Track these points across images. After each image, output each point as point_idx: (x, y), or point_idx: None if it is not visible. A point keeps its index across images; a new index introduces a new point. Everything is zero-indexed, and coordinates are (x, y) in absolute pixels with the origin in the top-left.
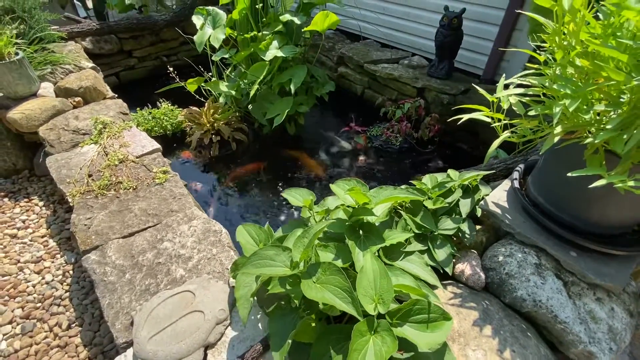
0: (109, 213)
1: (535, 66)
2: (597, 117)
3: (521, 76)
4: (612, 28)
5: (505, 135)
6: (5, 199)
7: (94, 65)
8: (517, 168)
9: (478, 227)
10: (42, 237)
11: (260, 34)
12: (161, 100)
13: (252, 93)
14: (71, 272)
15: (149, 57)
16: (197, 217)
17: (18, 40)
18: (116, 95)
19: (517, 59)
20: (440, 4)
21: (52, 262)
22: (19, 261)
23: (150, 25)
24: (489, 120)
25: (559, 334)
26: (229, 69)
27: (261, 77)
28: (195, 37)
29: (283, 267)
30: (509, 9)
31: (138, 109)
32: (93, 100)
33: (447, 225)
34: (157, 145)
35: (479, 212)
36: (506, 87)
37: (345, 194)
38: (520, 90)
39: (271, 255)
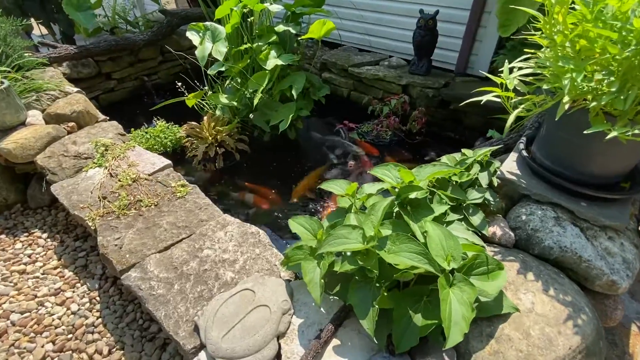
0: (136, 231)
1: (532, 51)
2: (594, 86)
3: (521, 60)
4: (597, 13)
5: (517, 111)
6: (2, 236)
7: (79, 89)
8: (521, 140)
9: None
10: (55, 268)
11: (255, 45)
12: (157, 118)
13: (255, 102)
14: (98, 298)
15: (129, 78)
16: (231, 223)
17: (2, 68)
18: (108, 118)
19: (483, 53)
20: (410, 9)
21: (74, 291)
22: (36, 296)
23: (130, 46)
24: (497, 99)
25: (584, 271)
26: (224, 82)
27: (263, 86)
28: (196, 52)
29: (358, 243)
30: (473, 9)
31: (132, 129)
32: (87, 124)
33: (474, 196)
34: (167, 162)
35: (495, 182)
36: (510, 70)
37: (394, 173)
38: (529, 71)
39: (344, 234)
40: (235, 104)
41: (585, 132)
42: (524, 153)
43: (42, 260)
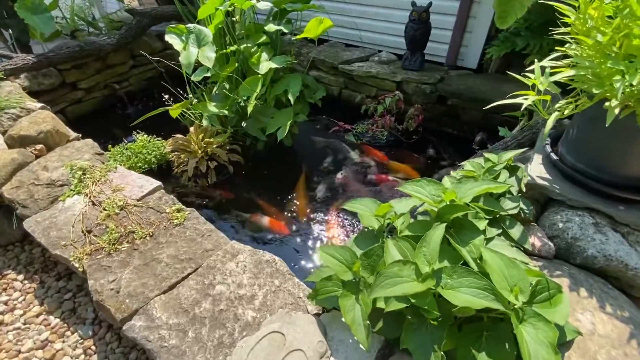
0: (134, 269)
1: (563, 48)
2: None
3: (552, 59)
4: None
5: (555, 114)
6: None
7: (43, 104)
8: (547, 142)
9: None
10: (38, 316)
11: (243, 47)
12: (137, 132)
13: (250, 110)
14: (94, 347)
15: (97, 86)
16: (241, 251)
17: None
18: (80, 135)
19: (474, 44)
20: (400, 1)
21: (64, 342)
22: (19, 352)
23: (96, 51)
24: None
25: (630, 279)
26: (209, 88)
27: (257, 92)
28: (181, 59)
29: (412, 281)
30: None
31: (110, 145)
32: (57, 145)
33: (509, 205)
34: (156, 183)
35: (524, 189)
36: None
37: (429, 190)
38: (572, 73)
39: (396, 272)
40: (226, 112)
41: None
42: (554, 156)
43: (21, 308)
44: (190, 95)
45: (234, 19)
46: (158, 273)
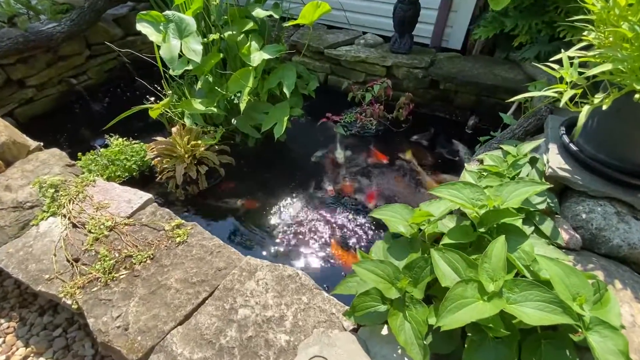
0: (140, 300)
1: (590, 37)
2: None
3: (578, 49)
4: None
5: (588, 108)
6: None
7: None
8: (562, 133)
9: None
10: (26, 359)
11: (227, 34)
12: (110, 136)
13: (243, 106)
14: None
15: (50, 82)
16: (259, 267)
17: None
18: (41, 144)
19: (458, 24)
20: None
21: None
22: None
23: (44, 42)
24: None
25: None
26: (187, 82)
27: (250, 86)
28: (161, 53)
29: (477, 301)
30: None
31: (79, 153)
32: (16, 159)
33: (536, 200)
34: (146, 196)
35: (544, 180)
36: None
37: (467, 194)
38: (609, 67)
39: (460, 293)
40: (215, 110)
41: None
42: (574, 147)
43: (3, 352)
44: (170, 92)
45: (214, 2)
46: (169, 301)
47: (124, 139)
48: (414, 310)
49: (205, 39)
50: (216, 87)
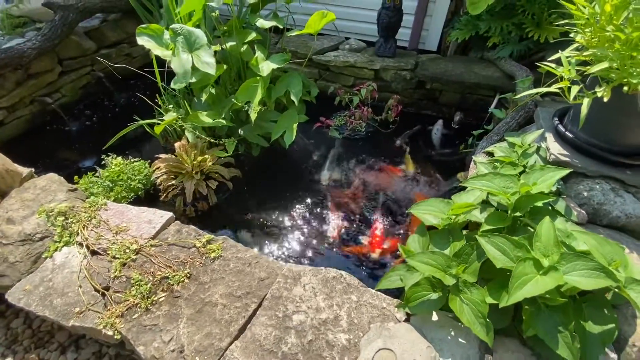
0: (188, 321)
1: (583, 42)
2: None
3: (573, 49)
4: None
5: (588, 100)
6: None
7: None
8: (556, 122)
9: None
10: None
11: (229, 45)
12: (108, 155)
13: (254, 117)
14: None
15: (22, 102)
16: (303, 272)
17: None
18: (33, 170)
19: (434, 28)
20: None
21: None
22: None
23: (15, 60)
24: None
25: None
26: (182, 94)
27: (260, 96)
28: (173, 67)
29: (535, 276)
30: None
31: (76, 177)
32: (11, 188)
33: None
34: (167, 214)
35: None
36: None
37: (498, 183)
38: (606, 65)
39: (522, 271)
40: (224, 122)
41: None
42: (570, 135)
43: None
44: (171, 106)
45: (212, 13)
46: (219, 318)
47: (121, 157)
48: (469, 293)
49: None
50: (224, 98)
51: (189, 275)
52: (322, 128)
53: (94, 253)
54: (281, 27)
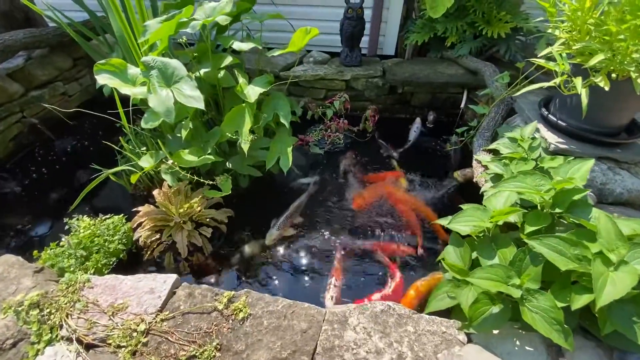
0: None
1: (566, 36)
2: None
3: (560, 45)
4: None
5: (586, 89)
6: None
7: None
8: (544, 112)
9: None
10: None
11: (202, 72)
12: (74, 217)
13: (246, 147)
14: None
15: None
16: (348, 312)
17: None
18: None
19: (390, 33)
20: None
21: None
22: None
23: None
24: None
25: None
26: (147, 133)
27: (250, 124)
28: (152, 106)
29: (607, 272)
30: None
31: (35, 252)
32: None
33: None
34: (171, 277)
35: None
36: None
37: (530, 182)
38: (602, 57)
39: (599, 270)
40: (212, 158)
41: None
42: (562, 123)
43: None
44: (143, 149)
45: (180, 40)
46: None
47: (87, 216)
48: (535, 300)
49: None
50: (204, 131)
51: (219, 347)
52: (302, 145)
53: (89, 347)
54: (260, 47)
